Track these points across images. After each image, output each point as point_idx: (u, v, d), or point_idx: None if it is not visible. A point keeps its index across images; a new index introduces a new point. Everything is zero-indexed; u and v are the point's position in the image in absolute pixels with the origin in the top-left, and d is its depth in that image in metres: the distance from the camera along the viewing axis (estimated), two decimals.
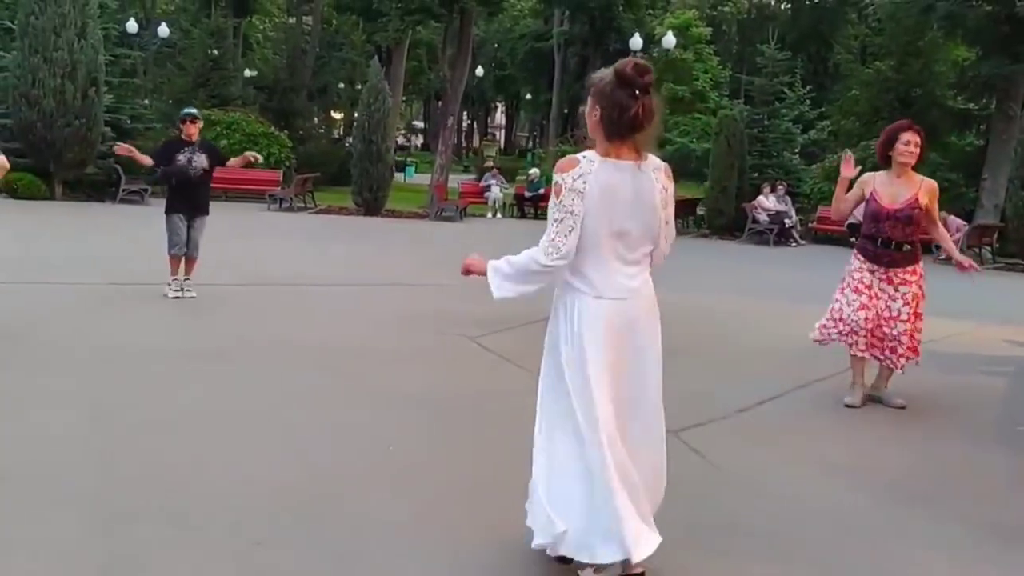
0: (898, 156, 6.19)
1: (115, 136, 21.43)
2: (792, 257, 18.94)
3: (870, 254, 6.29)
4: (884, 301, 6.23)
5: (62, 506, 3.96)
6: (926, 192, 6.21)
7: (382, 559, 3.64)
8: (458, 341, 8.02)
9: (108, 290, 9.63)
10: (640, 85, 3.29)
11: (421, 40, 42.84)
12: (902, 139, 6.18)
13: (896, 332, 6.21)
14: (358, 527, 3.91)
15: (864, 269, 6.30)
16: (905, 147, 6.16)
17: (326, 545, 3.72)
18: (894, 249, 6.22)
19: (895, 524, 4.30)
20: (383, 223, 21.44)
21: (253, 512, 4.00)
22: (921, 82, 23.86)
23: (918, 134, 6.22)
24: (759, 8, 53.50)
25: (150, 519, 3.87)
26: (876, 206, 6.22)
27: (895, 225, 6.16)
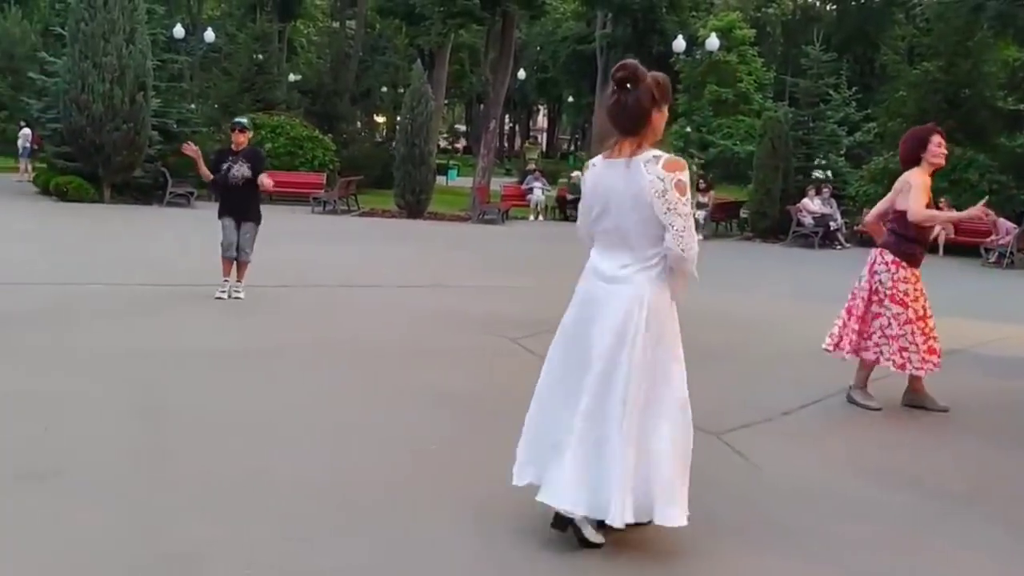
0: (933, 158, 6.14)
1: (162, 140, 21.79)
2: (837, 260, 18.71)
3: (918, 260, 6.20)
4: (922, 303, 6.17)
5: (111, 504, 4.02)
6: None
7: (426, 557, 3.66)
8: (500, 342, 8.03)
9: (155, 291, 9.77)
10: (614, 80, 3.53)
11: (464, 43, 43.03)
12: (934, 141, 6.15)
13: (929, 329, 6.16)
14: (403, 526, 3.93)
15: (911, 280, 6.14)
16: (938, 148, 6.14)
17: (371, 543, 3.74)
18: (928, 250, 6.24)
19: (934, 525, 4.26)
20: (425, 226, 21.54)
21: (299, 510, 4.03)
22: (970, 83, 23.50)
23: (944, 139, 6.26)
24: (804, 9, 52.97)
25: (198, 517, 3.91)
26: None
27: (930, 229, 6.15)
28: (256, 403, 5.75)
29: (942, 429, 5.98)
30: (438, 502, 4.21)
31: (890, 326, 6.12)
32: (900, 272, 6.14)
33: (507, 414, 5.72)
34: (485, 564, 3.65)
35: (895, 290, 6.13)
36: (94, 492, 4.13)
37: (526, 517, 3.99)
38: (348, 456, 4.79)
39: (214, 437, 5.01)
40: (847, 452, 5.37)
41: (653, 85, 3.57)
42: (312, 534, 3.80)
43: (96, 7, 19.72)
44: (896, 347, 6.13)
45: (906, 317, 6.08)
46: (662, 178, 3.49)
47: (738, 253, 19.39)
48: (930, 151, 6.12)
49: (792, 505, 4.40)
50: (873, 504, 4.48)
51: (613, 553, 3.72)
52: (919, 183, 6.14)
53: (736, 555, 3.82)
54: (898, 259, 6.17)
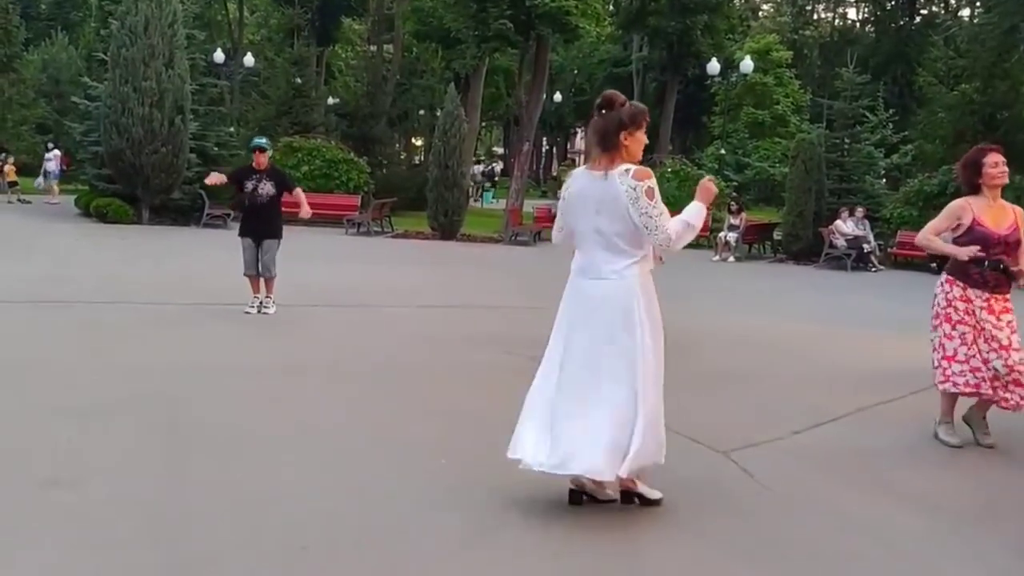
0: (990, 180, 5.92)
1: (200, 163, 22.12)
2: (869, 282, 18.61)
3: (975, 278, 5.90)
4: (989, 331, 5.86)
5: (129, 511, 4.16)
6: (1020, 216, 5.98)
7: (431, 570, 3.74)
8: (522, 362, 8.09)
9: (188, 309, 9.99)
10: (595, 106, 4.39)
11: (499, 66, 43.30)
12: (989, 162, 5.93)
13: (1013, 362, 5.77)
14: (409, 538, 4.03)
15: (959, 298, 5.92)
16: (994, 168, 5.91)
17: (374, 554, 3.84)
18: (1002, 271, 5.88)
19: (941, 545, 4.28)
20: (457, 247, 21.69)
21: (305, 520, 4.14)
22: (1007, 104, 23.31)
23: (1002, 154, 6.00)
24: (842, 32, 52.84)
25: (212, 526, 4.05)
26: (985, 231, 5.86)
27: (1006, 249, 5.88)
28: (277, 418, 5.88)
29: (955, 452, 5.94)
30: (445, 518, 4.29)
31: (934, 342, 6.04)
32: (953, 290, 5.97)
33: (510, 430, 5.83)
34: None
35: (937, 307, 6.02)
36: (113, 500, 4.28)
37: (538, 534, 4.08)
38: (361, 470, 4.91)
39: (233, 449, 5.15)
40: (856, 472, 5.38)
41: (625, 112, 4.29)
42: (323, 545, 3.90)
43: (136, 33, 20.14)
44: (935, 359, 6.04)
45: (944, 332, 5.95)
46: (634, 187, 4.14)
47: (769, 275, 19.33)
48: (987, 173, 5.92)
49: (796, 522, 4.45)
50: (879, 523, 4.50)
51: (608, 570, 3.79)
52: (950, 210, 6.05)
53: (737, 570, 3.86)
54: (951, 277, 6.04)
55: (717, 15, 38.53)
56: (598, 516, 4.35)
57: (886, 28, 48.08)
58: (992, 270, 5.86)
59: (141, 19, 20.19)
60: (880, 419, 6.62)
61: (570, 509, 4.39)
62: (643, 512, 4.38)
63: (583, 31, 28.45)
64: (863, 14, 54.22)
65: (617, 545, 4.04)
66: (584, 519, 4.32)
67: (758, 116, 38.02)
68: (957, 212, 6.01)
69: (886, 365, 8.42)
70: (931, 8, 47.36)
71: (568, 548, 4.01)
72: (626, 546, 4.03)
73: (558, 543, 4.04)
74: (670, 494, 4.46)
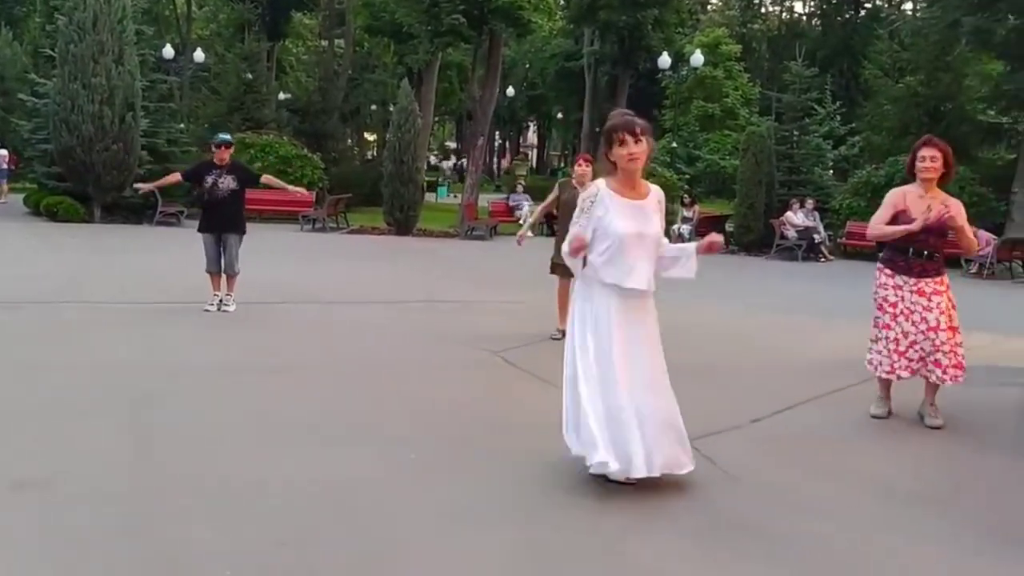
0: (919, 173, 6.27)
1: (152, 160, 21.93)
2: (820, 273, 18.97)
3: (901, 266, 6.27)
4: (918, 314, 6.20)
5: (103, 510, 4.19)
6: (956, 208, 6.23)
7: (402, 560, 3.84)
8: (483, 355, 8.21)
9: (146, 308, 9.93)
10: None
11: (452, 61, 43.25)
12: (920, 155, 6.28)
13: (939, 343, 6.15)
14: (385, 530, 4.11)
15: (889, 286, 6.30)
16: (921, 163, 6.25)
17: (351, 546, 3.92)
18: (925, 258, 6.23)
19: (903, 527, 4.44)
20: (414, 242, 21.71)
21: (281, 515, 4.21)
22: (951, 96, 23.85)
23: (939, 149, 6.26)
24: (789, 25, 53.44)
25: (187, 522, 4.09)
26: (908, 220, 6.21)
27: (929, 236, 6.19)
28: (245, 414, 5.92)
29: (911, 434, 6.17)
30: (415, 509, 4.38)
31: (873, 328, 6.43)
32: (881, 278, 6.38)
33: (488, 423, 5.94)
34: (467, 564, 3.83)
35: (877, 298, 6.39)
36: (86, 499, 4.29)
37: (506, 521, 4.19)
38: (330, 464, 4.96)
39: (204, 446, 5.18)
40: (814, 457, 5.57)
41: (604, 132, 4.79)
42: (300, 537, 3.97)
43: (85, 29, 19.88)
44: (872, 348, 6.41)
45: (882, 322, 6.31)
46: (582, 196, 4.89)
47: (722, 266, 19.56)
48: (917, 167, 6.28)
49: (760, 508, 4.59)
50: (836, 505, 4.67)
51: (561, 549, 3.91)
52: (887, 200, 6.42)
53: (709, 555, 4.01)
54: (881, 265, 6.44)
55: (667, 9, 38.70)
56: (571, 505, 4.47)
57: (832, 22, 48.70)
58: (917, 257, 6.24)
59: (89, 15, 19.94)
60: (836, 406, 6.83)
61: (544, 501, 4.51)
62: (615, 501, 4.51)
63: (535, 26, 28.53)
64: (809, 8, 54.86)
65: (591, 536, 4.16)
66: (557, 509, 4.43)
67: (708, 109, 38.34)
68: (894, 200, 6.39)
69: (839, 353, 8.63)
70: (875, 2, 48.07)
71: (542, 538, 4.12)
72: (599, 535, 4.15)
73: (532, 533, 4.15)
74: (641, 483, 4.59)
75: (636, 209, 4.68)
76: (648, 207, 4.74)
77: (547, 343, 8.64)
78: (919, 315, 6.20)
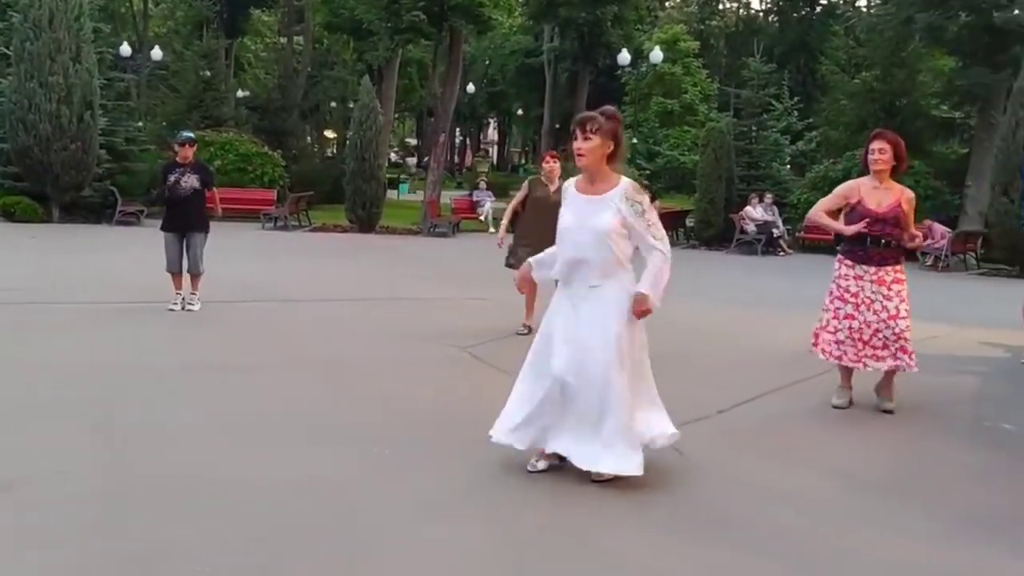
0: (871, 165, 6.48)
1: (110, 159, 21.73)
2: (779, 266, 19.22)
3: (860, 256, 6.44)
4: (879, 303, 6.38)
5: (76, 510, 4.20)
6: (907, 200, 6.47)
7: (376, 556, 3.90)
8: (450, 352, 8.27)
9: (108, 307, 9.87)
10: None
11: (412, 58, 43.19)
12: (871, 147, 6.50)
13: (900, 330, 6.34)
14: (359, 525, 4.17)
15: (850, 277, 6.47)
16: (871, 155, 6.47)
17: (321, 543, 3.97)
18: (883, 247, 6.41)
19: (866, 513, 4.57)
20: (377, 239, 21.71)
21: (256, 513, 4.25)
22: (905, 92, 24.23)
23: (889, 141, 6.46)
24: (746, 22, 53.95)
25: (161, 521, 4.11)
26: (864, 210, 6.41)
27: (884, 227, 6.37)
28: (215, 412, 5.94)
29: (871, 423, 6.33)
30: (388, 505, 4.44)
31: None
32: (841, 269, 6.57)
33: (457, 419, 6.01)
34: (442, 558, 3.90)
35: (834, 286, 6.60)
36: (59, 500, 4.29)
37: (479, 516, 4.27)
38: (302, 462, 5.00)
39: (175, 446, 5.19)
40: (778, 446, 5.70)
41: None
42: (276, 535, 4.01)
43: (41, 27, 19.64)
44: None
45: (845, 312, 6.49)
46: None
47: (683, 261, 19.59)
48: (869, 159, 6.50)
49: (726, 497, 4.70)
50: (801, 494, 4.79)
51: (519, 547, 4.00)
52: (838, 190, 6.68)
53: (677, 544, 4.10)
54: (841, 256, 6.63)
55: (626, 6, 38.97)
56: (544, 497, 4.55)
57: (789, 18, 49.24)
58: (874, 247, 6.42)
59: (45, 12, 19.70)
60: (799, 396, 6.98)
61: (514, 494, 4.59)
62: (585, 493, 4.59)
63: (496, 22, 28.58)
64: (766, 4, 55.42)
65: (562, 528, 4.25)
66: (529, 502, 4.52)
67: (668, 105, 38.57)
68: (845, 192, 6.62)
69: (800, 344, 8.75)
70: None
71: (514, 531, 4.20)
72: (570, 527, 4.24)
73: (503, 526, 4.23)
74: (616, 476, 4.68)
75: (587, 204, 4.74)
76: (603, 202, 4.69)
77: (514, 338, 8.72)
78: (880, 304, 6.39)
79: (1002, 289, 15.32)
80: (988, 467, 5.51)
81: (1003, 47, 20.70)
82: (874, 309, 6.39)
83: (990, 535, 4.34)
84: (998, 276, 18.44)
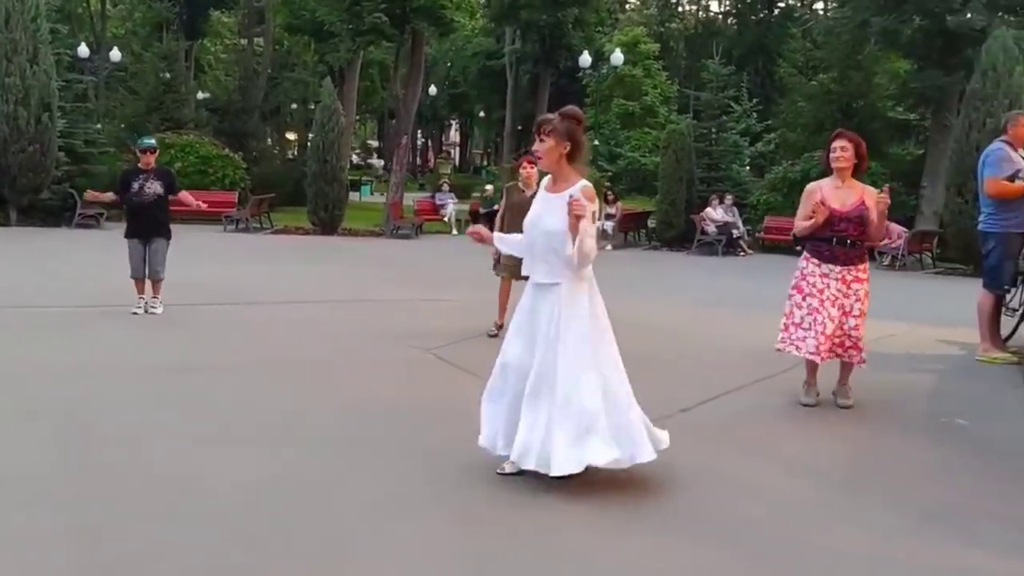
0: (833, 163, 6.62)
1: (69, 161, 21.51)
2: (739, 266, 19.43)
3: (826, 255, 6.57)
4: (840, 300, 6.52)
5: (49, 514, 4.21)
6: (869, 196, 6.60)
7: (348, 555, 3.94)
8: (415, 353, 8.31)
9: (70, 312, 9.80)
10: (585, 123, 4.76)
11: (374, 60, 43.08)
12: (832, 146, 6.66)
13: (851, 327, 6.54)
14: (329, 526, 4.21)
15: (816, 274, 6.59)
16: (833, 153, 6.62)
17: (292, 545, 4.00)
18: (849, 246, 6.55)
19: (831, 508, 4.69)
20: (340, 242, 21.67)
21: (223, 515, 4.28)
22: (862, 94, 24.56)
23: (850, 140, 6.62)
24: (706, 24, 54.41)
25: (136, 525, 4.12)
26: (829, 209, 6.51)
27: (849, 225, 6.51)
28: (182, 415, 5.94)
29: (831, 420, 6.46)
30: (357, 505, 4.49)
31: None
32: (808, 267, 6.67)
33: (424, 419, 6.06)
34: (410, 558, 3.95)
35: (799, 281, 6.70)
36: (25, 505, 4.29)
37: (445, 514, 4.32)
38: (270, 464, 5.03)
39: (142, 449, 5.20)
40: (741, 442, 5.81)
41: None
42: (246, 537, 4.04)
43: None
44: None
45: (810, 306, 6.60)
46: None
47: (646, 261, 19.98)
48: (831, 158, 6.64)
49: (694, 492, 4.80)
50: (766, 488, 4.90)
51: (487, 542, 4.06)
52: (805, 196, 6.78)
53: (645, 541, 4.18)
54: (808, 254, 6.73)
55: (587, 8, 39.19)
56: (513, 496, 4.61)
57: (747, 21, 49.72)
58: (839, 245, 6.55)
59: (1, 12, 19.53)
60: (762, 393, 7.11)
61: (485, 492, 4.65)
62: (547, 491, 4.63)
63: (458, 24, 28.59)
64: (725, 7, 55.93)
65: (525, 526, 4.31)
66: (492, 500, 4.58)
67: (629, 107, 38.83)
68: (809, 195, 6.73)
69: (762, 342, 8.88)
70: (789, 1, 49.17)
71: (484, 528, 4.26)
72: (533, 524, 4.30)
73: (474, 524, 4.29)
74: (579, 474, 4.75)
75: (545, 203, 4.81)
76: (557, 202, 4.66)
77: (480, 339, 8.78)
78: (840, 301, 6.55)
79: (957, 288, 15.59)
80: (945, 462, 5.64)
81: (956, 50, 21.07)
82: (838, 305, 6.54)
83: (948, 528, 4.47)
84: (953, 275, 18.75)
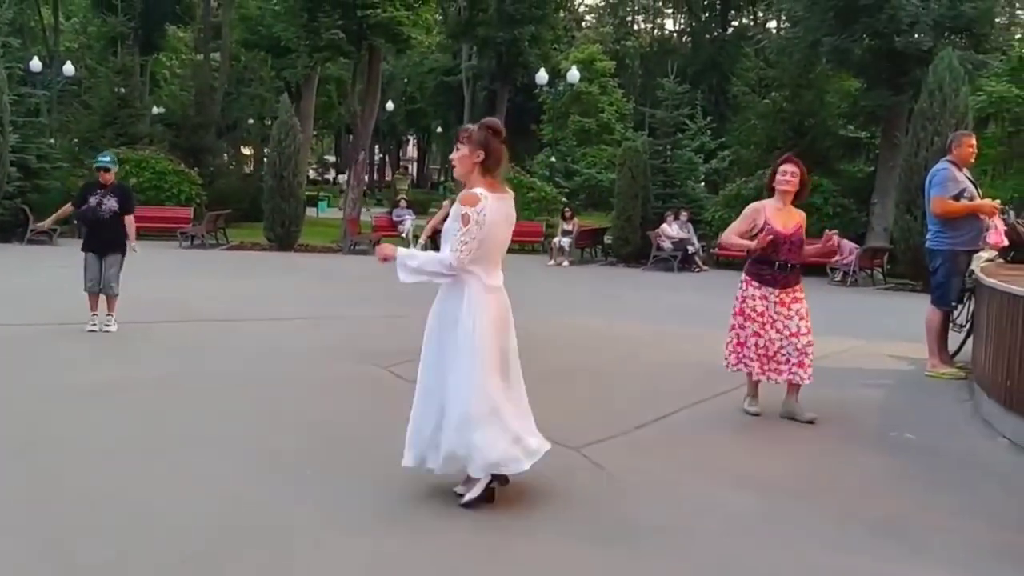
0: (779, 186, 6.81)
1: (21, 177, 21.25)
2: (695, 282, 19.60)
3: (767, 278, 6.75)
4: (781, 322, 6.70)
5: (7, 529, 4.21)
6: (802, 220, 6.87)
7: (297, 572, 3.97)
8: (371, 371, 8.33)
9: (22, 330, 9.72)
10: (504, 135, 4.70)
11: (331, 75, 43.03)
12: (781, 171, 6.83)
13: (802, 345, 6.68)
14: (288, 541, 4.24)
15: (756, 297, 6.76)
16: (782, 177, 6.79)
17: (241, 563, 4.03)
18: (789, 271, 6.76)
19: (778, 521, 4.79)
20: (297, 258, 21.59)
21: (170, 532, 4.28)
22: (814, 112, 24.93)
23: (799, 167, 6.83)
24: (660, 42, 55.02)
25: (97, 540, 4.14)
26: (773, 231, 6.70)
27: (791, 249, 6.71)
28: (140, 432, 5.95)
29: (782, 435, 6.58)
30: (316, 525, 4.51)
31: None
32: (748, 290, 6.84)
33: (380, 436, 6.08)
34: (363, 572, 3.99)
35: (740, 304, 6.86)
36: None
37: (409, 526, 4.36)
38: (225, 482, 5.05)
39: (96, 468, 5.20)
40: (697, 459, 5.89)
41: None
42: (202, 552, 4.06)
43: None
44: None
45: (752, 330, 6.76)
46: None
47: (602, 277, 20.10)
48: (777, 180, 6.82)
49: (646, 507, 4.88)
50: (719, 503, 4.99)
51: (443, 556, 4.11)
52: (745, 211, 6.98)
53: (593, 554, 4.25)
54: (748, 277, 6.89)
55: (543, 26, 39.50)
56: (459, 512, 4.66)
57: (701, 39, 50.38)
58: (780, 270, 6.76)
59: None
60: (714, 411, 7.19)
61: (435, 508, 4.69)
62: (501, 507, 4.70)
63: (415, 41, 28.66)
64: (680, 25, 56.62)
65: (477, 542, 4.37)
66: (447, 515, 4.62)
67: (585, 124, 39.21)
68: (752, 215, 6.92)
69: (714, 360, 9.02)
70: (741, 20, 49.90)
71: (432, 542, 4.30)
72: (485, 540, 4.37)
73: (424, 539, 4.33)
74: (530, 489, 4.82)
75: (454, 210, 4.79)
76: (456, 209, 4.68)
77: None
78: (782, 323, 6.74)
79: (907, 303, 15.86)
80: (894, 476, 5.77)
81: (904, 70, 21.45)
82: (777, 328, 6.73)
83: (896, 541, 4.57)
84: (903, 291, 19.05)
